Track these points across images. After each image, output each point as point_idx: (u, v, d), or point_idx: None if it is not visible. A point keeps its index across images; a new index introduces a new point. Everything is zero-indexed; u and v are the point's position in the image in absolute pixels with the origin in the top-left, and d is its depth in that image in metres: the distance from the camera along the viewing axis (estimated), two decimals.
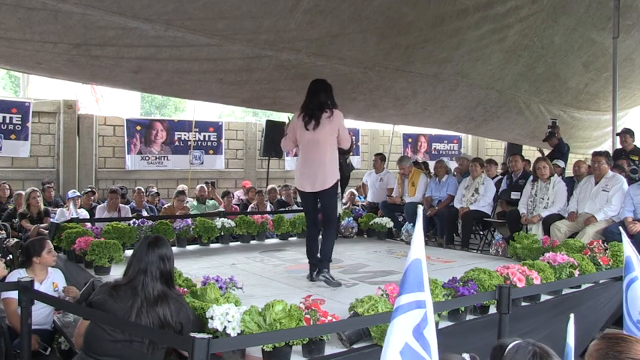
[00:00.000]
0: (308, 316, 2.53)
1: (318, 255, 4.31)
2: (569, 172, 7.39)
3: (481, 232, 6.87)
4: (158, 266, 2.50)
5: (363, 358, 2.65)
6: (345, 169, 5.50)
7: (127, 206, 7.74)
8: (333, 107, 4.27)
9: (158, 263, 2.50)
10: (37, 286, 3.52)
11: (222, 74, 5.86)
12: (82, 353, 2.48)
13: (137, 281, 2.45)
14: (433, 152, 14.35)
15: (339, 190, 4.67)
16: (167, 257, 2.56)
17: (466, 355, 1.50)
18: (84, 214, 6.97)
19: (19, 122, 9.77)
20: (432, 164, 8.97)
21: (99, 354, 2.40)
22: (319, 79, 4.44)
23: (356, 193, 9.74)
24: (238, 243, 6.28)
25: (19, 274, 3.75)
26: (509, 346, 1.46)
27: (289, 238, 6.65)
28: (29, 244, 3.95)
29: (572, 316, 1.76)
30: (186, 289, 3.05)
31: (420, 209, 1.73)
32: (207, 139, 11.65)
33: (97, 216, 6.98)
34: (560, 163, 7.04)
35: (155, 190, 9.84)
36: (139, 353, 2.42)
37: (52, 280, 3.86)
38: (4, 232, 6.47)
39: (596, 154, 5.75)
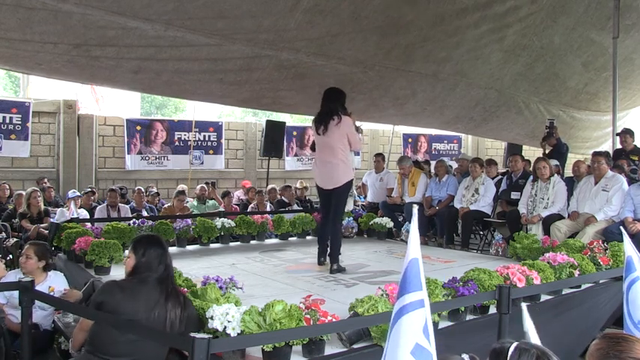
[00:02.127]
0: (308, 316, 2.53)
1: (329, 250, 4.77)
2: (568, 172, 7.38)
3: (481, 232, 6.86)
4: (171, 262, 2.65)
5: (363, 358, 2.65)
6: None
7: (127, 206, 7.75)
8: (343, 114, 4.64)
9: (171, 259, 2.65)
10: None
11: (222, 74, 5.86)
12: (86, 354, 2.47)
13: (164, 274, 2.55)
14: (433, 152, 14.35)
15: (353, 189, 5.19)
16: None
17: (465, 356, 1.50)
18: (84, 214, 6.97)
19: (19, 122, 9.77)
20: (432, 164, 8.97)
21: (109, 354, 2.39)
22: (332, 87, 4.87)
23: (355, 193, 9.73)
24: (238, 243, 6.27)
25: (16, 275, 3.74)
26: (511, 349, 1.45)
27: (289, 238, 6.64)
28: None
29: (523, 305, 1.90)
30: (186, 289, 3.04)
31: (415, 209, 1.80)
32: (207, 139, 11.65)
33: (96, 216, 6.98)
34: (553, 161, 6.98)
35: (155, 190, 9.83)
36: (150, 351, 2.43)
37: (48, 284, 3.78)
38: (3, 232, 6.47)
39: (595, 154, 5.75)
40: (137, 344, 2.39)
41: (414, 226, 1.70)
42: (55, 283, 3.86)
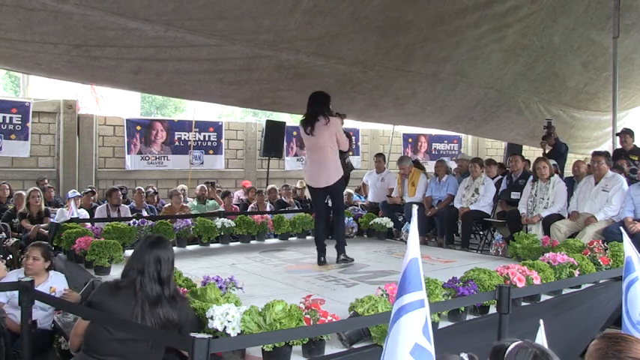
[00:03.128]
0: (308, 316, 2.53)
1: (334, 241, 4.96)
2: (568, 172, 7.38)
3: (481, 232, 6.86)
4: (156, 267, 2.49)
5: (363, 358, 2.65)
6: (345, 169, 5.62)
7: (127, 206, 7.75)
8: (330, 115, 4.79)
9: (155, 265, 2.50)
10: None
11: (222, 74, 5.87)
12: (82, 353, 2.47)
13: (136, 283, 2.45)
14: (433, 152, 14.35)
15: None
16: (165, 259, 2.54)
17: (464, 355, 1.50)
18: (84, 214, 6.97)
19: (19, 122, 9.76)
20: (432, 164, 8.97)
21: (101, 354, 2.39)
22: (317, 91, 5.00)
23: (353, 193, 9.73)
24: (238, 243, 6.27)
25: (17, 275, 3.74)
26: (509, 348, 1.46)
27: (289, 238, 6.63)
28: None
29: (541, 322, 1.78)
30: (186, 289, 3.05)
31: (415, 209, 1.81)
32: (207, 139, 11.65)
33: (96, 216, 6.98)
34: (551, 161, 6.97)
35: (155, 189, 9.82)
36: (142, 352, 2.42)
37: (49, 285, 3.78)
38: (3, 232, 6.47)
39: (595, 154, 5.75)
40: (128, 344, 2.38)
41: (413, 227, 1.71)
42: (55, 283, 3.86)
